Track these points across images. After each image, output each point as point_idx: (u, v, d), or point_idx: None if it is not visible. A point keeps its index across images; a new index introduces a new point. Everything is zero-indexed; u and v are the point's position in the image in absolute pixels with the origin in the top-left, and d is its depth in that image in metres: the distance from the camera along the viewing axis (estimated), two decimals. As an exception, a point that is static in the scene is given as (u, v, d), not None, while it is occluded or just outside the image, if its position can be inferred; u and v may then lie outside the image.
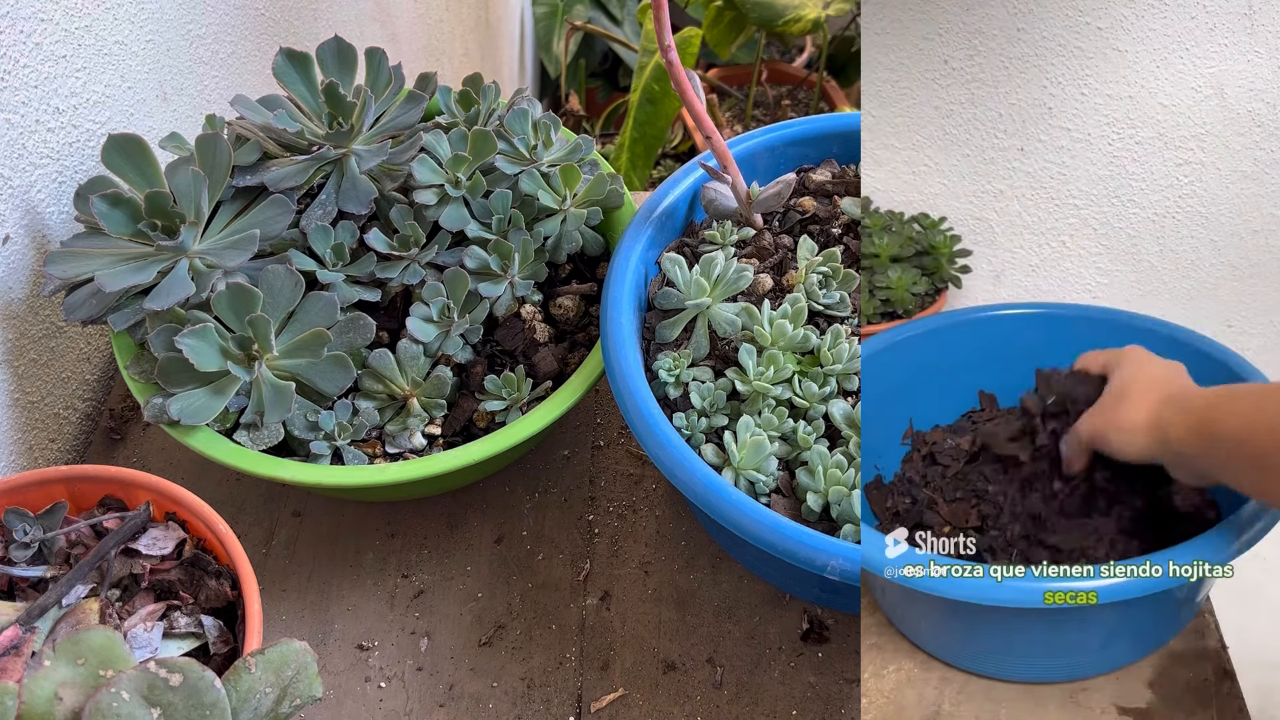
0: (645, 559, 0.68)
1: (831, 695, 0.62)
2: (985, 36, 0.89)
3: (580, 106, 1.92)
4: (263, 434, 0.62)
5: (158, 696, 0.41)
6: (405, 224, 0.67)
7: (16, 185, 0.64)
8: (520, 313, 0.69)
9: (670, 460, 0.57)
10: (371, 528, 0.70)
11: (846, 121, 0.75)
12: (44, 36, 0.64)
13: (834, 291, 0.64)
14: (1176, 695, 0.61)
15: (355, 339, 0.63)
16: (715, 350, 0.64)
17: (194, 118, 0.82)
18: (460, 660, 0.64)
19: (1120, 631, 0.60)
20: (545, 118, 0.70)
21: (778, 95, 1.88)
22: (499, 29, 1.90)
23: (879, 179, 0.95)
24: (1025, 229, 0.95)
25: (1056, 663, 0.61)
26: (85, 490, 0.58)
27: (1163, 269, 0.94)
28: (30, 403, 0.69)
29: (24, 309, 0.67)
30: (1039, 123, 0.90)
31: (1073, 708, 0.61)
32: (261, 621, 0.53)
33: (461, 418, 0.66)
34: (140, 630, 0.53)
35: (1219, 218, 0.91)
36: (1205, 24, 0.85)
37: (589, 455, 0.74)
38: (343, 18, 1.12)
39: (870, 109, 0.92)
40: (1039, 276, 0.97)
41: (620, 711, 0.62)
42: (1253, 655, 0.93)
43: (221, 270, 0.62)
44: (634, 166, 1.41)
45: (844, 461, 0.58)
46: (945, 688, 0.63)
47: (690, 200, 0.71)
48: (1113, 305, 0.77)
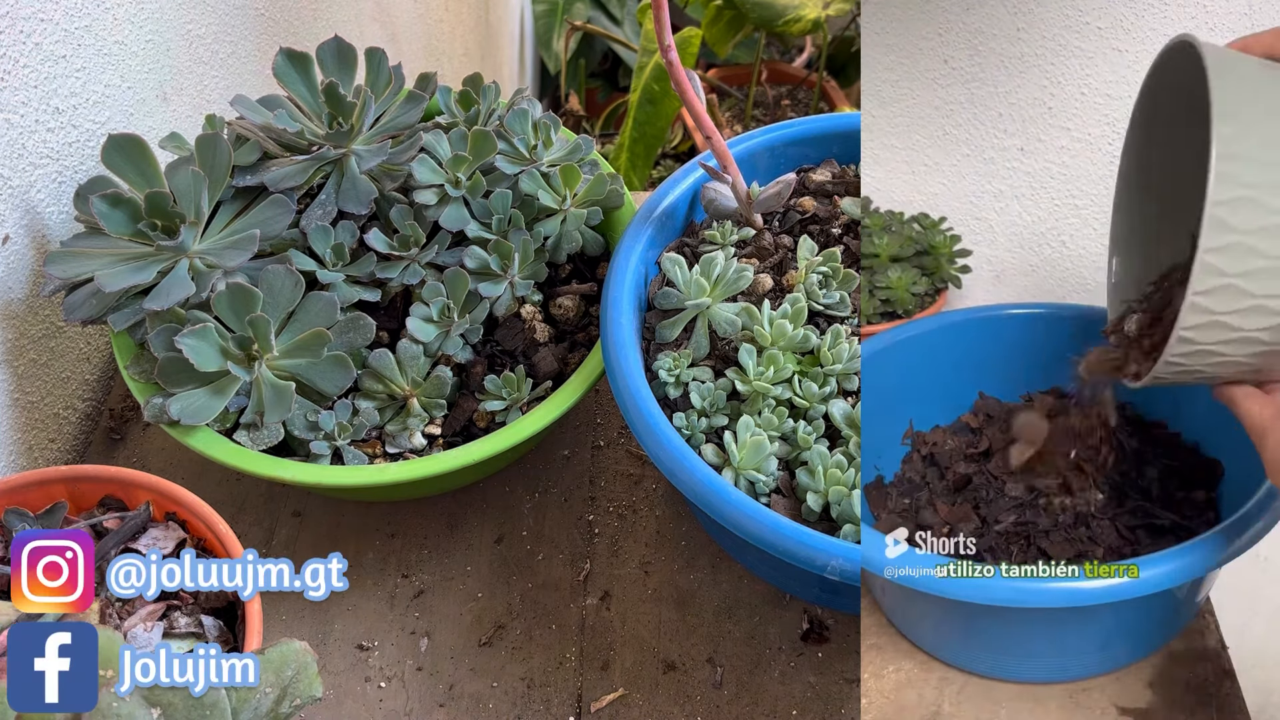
0: (645, 559, 0.68)
1: (831, 695, 0.62)
2: (985, 36, 0.88)
3: (580, 106, 1.92)
4: (263, 434, 0.62)
5: (158, 696, 0.41)
6: (405, 224, 0.67)
7: (16, 185, 0.64)
8: (520, 313, 0.69)
9: (670, 460, 0.57)
10: (371, 528, 0.70)
11: (846, 121, 0.74)
12: (44, 36, 0.64)
13: (834, 291, 0.64)
14: (1176, 695, 0.61)
15: (355, 339, 0.63)
16: (715, 350, 0.64)
17: (194, 118, 0.82)
18: (460, 660, 0.64)
19: (1120, 632, 0.60)
20: (545, 118, 0.70)
21: (778, 95, 1.88)
22: (499, 29, 1.90)
23: (879, 179, 0.95)
24: (1025, 229, 0.95)
25: (1056, 663, 0.61)
26: (85, 490, 0.58)
27: (1162, 269, 0.94)
28: (30, 403, 0.69)
29: (24, 309, 0.67)
30: (1039, 123, 0.90)
31: (1073, 708, 0.61)
32: (261, 621, 0.53)
33: (461, 418, 0.66)
34: (140, 630, 0.53)
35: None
36: (1205, 24, 0.85)
37: (589, 455, 0.74)
38: (343, 18, 1.12)
39: (870, 109, 0.92)
40: (1039, 276, 0.97)
41: (620, 711, 0.62)
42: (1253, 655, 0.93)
43: (221, 270, 0.62)
44: (634, 166, 1.41)
45: (844, 461, 0.58)
46: (945, 688, 0.63)
47: (690, 200, 0.71)
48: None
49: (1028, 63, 0.88)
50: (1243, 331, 0.48)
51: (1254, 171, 0.46)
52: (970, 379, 0.76)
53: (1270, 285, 0.47)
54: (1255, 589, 0.96)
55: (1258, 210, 0.46)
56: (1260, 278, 0.46)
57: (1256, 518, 0.56)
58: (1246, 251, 0.46)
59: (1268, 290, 0.47)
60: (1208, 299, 0.47)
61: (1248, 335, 0.48)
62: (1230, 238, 0.46)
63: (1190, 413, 0.71)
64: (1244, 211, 0.46)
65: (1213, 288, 0.47)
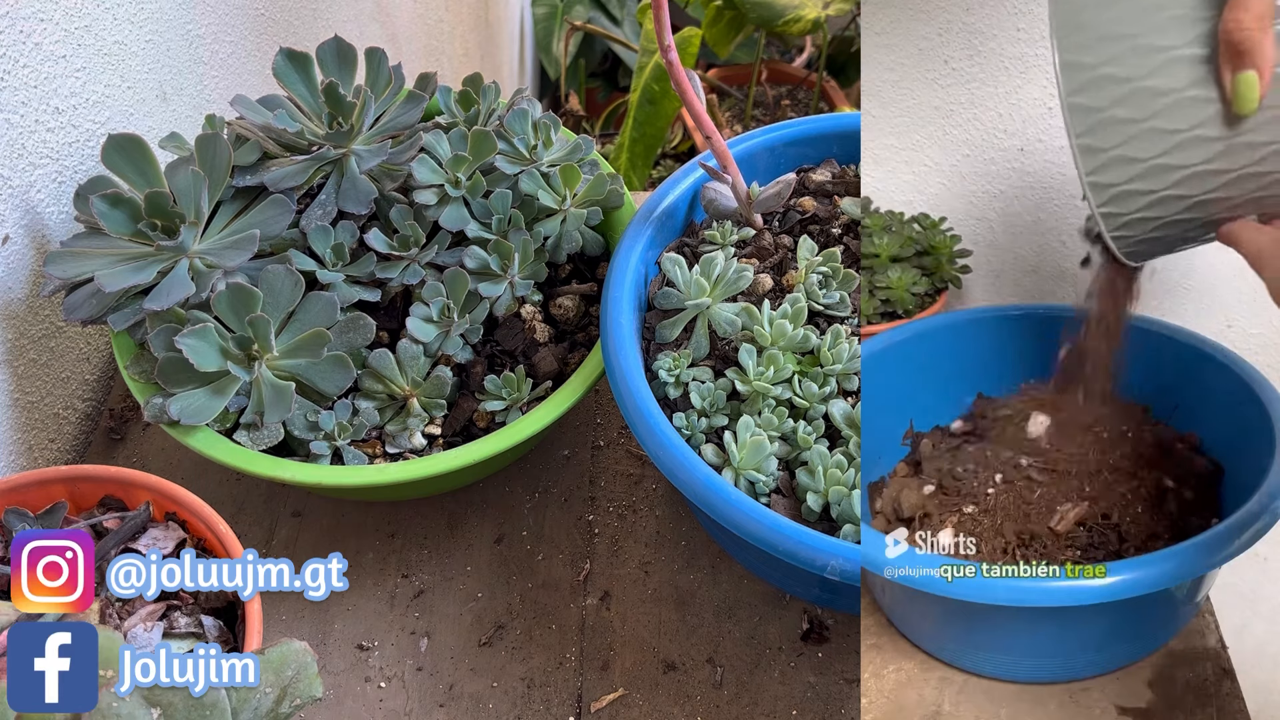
0: (645, 559, 0.68)
1: (831, 695, 0.62)
2: (985, 36, 0.88)
3: (580, 106, 1.92)
4: (263, 434, 0.62)
5: (158, 696, 0.41)
6: (405, 224, 0.67)
7: (16, 185, 0.64)
8: (520, 313, 0.69)
9: (670, 460, 0.57)
10: (371, 528, 0.70)
11: (846, 121, 0.75)
12: (44, 36, 0.64)
13: (834, 291, 0.64)
14: (1176, 695, 0.61)
15: (355, 339, 0.63)
16: (715, 350, 0.64)
17: (194, 118, 0.82)
18: (460, 660, 0.64)
19: (1120, 631, 0.60)
20: (545, 118, 0.70)
21: (778, 95, 1.88)
22: (499, 29, 1.90)
23: (879, 179, 0.95)
24: (1025, 229, 0.95)
25: (1056, 663, 0.61)
26: (85, 490, 0.58)
27: (1162, 269, 0.94)
28: (30, 403, 0.69)
29: (24, 309, 0.67)
30: (1039, 123, 0.90)
31: (1073, 708, 0.61)
32: (261, 621, 0.53)
33: (461, 418, 0.66)
34: (140, 630, 0.53)
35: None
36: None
37: (589, 455, 0.74)
38: (343, 18, 1.12)
39: (870, 109, 0.92)
40: (1039, 276, 0.96)
41: (620, 711, 0.62)
42: (1253, 655, 0.93)
43: (221, 270, 0.62)
44: (634, 166, 1.41)
45: (844, 461, 0.58)
46: (945, 688, 0.63)
47: (690, 200, 0.71)
48: (1112, 305, 0.77)
49: (1028, 63, 0.88)
50: (1147, 161, 0.51)
51: (1093, 52, 0.51)
52: (970, 379, 0.76)
53: (1137, 110, 0.51)
54: (1255, 589, 0.96)
55: (1107, 86, 0.51)
56: (1125, 123, 0.51)
57: (1256, 518, 0.56)
58: (1112, 122, 0.51)
59: (1134, 115, 0.51)
60: (1090, 138, 0.52)
61: (1156, 164, 0.51)
62: (1094, 118, 0.51)
63: (1191, 412, 0.71)
64: (1096, 91, 0.51)
65: (1091, 146, 0.52)
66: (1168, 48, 0.49)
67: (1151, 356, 0.70)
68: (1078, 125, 0.52)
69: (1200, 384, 0.69)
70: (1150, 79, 0.50)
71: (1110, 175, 0.52)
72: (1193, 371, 0.69)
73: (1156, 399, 0.72)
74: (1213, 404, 0.68)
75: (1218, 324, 0.92)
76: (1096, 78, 0.51)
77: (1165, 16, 0.49)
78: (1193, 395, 0.69)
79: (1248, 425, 0.63)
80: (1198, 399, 0.69)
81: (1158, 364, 0.70)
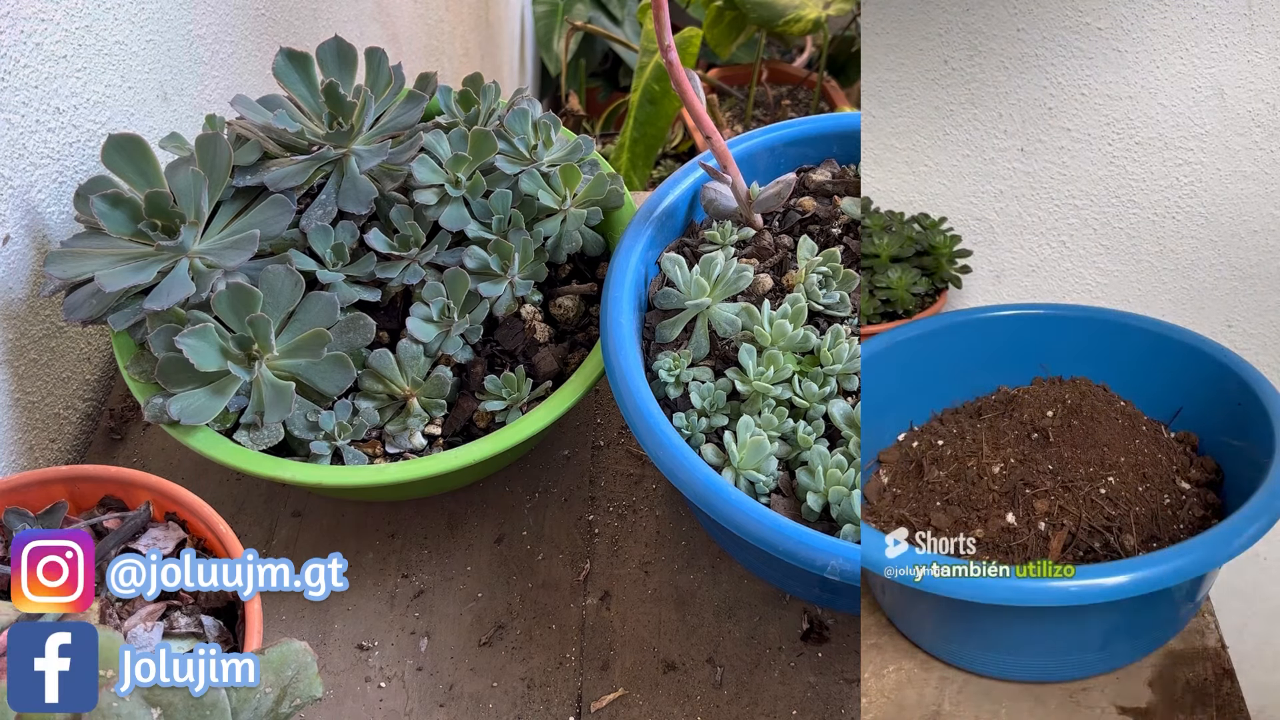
0: (645, 559, 0.68)
1: (831, 695, 0.62)
2: (985, 36, 0.88)
3: (580, 106, 1.92)
4: (263, 434, 0.62)
5: (158, 696, 0.41)
6: (405, 224, 0.67)
7: (17, 185, 0.64)
8: (520, 313, 0.69)
9: (670, 460, 0.57)
10: (371, 528, 0.70)
11: (846, 121, 0.75)
12: (44, 36, 0.65)
13: (834, 291, 0.64)
14: (1176, 695, 0.61)
15: (355, 339, 0.63)
16: (715, 350, 0.64)
17: (194, 118, 0.82)
18: (460, 660, 0.64)
19: (1120, 631, 0.60)
20: (545, 118, 0.70)
21: (778, 95, 1.88)
22: (499, 29, 1.90)
23: (879, 179, 0.95)
24: (1025, 229, 0.95)
25: (1056, 662, 0.61)
26: (85, 490, 0.59)
27: (1162, 269, 0.94)
28: (30, 403, 0.69)
29: (24, 309, 0.67)
30: (1039, 123, 0.90)
31: (1073, 708, 0.61)
32: (261, 621, 0.53)
33: (461, 418, 0.66)
34: (140, 630, 0.53)
35: (1219, 218, 0.91)
36: (1205, 24, 0.85)
37: (589, 455, 0.74)
38: (343, 18, 1.12)
39: (870, 109, 0.92)
40: (1039, 276, 0.97)
41: (620, 711, 0.62)
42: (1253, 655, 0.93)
43: (221, 270, 0.62)
44: (634, 166, 1.41)
45: (844, 461, 0.58)
46: (945, 688, 0.63)
47: (690, 200, 0.71)
48: (1113, 305, 0.77)
49: (1028, 63, 0.88)
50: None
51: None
52: (970, 379, 0.76)
53: None
54: (1255, 589, 0.96)
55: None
56: None
57: (1256, 518, 0.56)
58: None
59: None
60: None
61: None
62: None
63: (1191, 412, 0.71)
64: None
65: None
66: None
67: (1152, 357, 0.70)
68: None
69: (1200, 384, 0.69)
70: None
71: None
72: (1193, 371, 0.69)
73: (1157, 399, 0.72)
74: (1213, 404, 0.68)
75: (1218, 324, 0.92)
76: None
77: None
78: (1193, 395, 0.69)
79: (1248, 425, 0.63)
80: (1198, 399, 0.69)
81: (1158, 364, 0.70)
